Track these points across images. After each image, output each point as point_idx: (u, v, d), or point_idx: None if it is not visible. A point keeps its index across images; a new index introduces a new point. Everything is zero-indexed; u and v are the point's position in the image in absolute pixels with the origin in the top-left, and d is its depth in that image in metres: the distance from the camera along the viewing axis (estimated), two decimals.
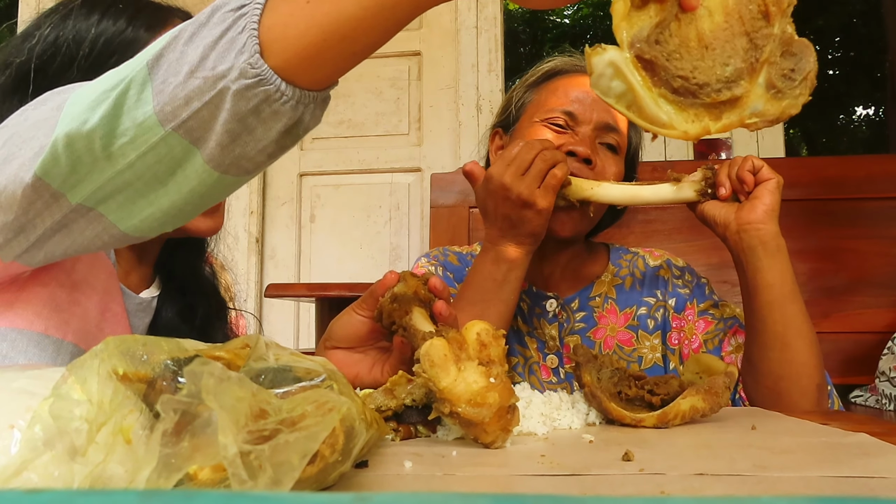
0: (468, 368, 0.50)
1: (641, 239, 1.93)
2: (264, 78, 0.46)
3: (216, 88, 0.47)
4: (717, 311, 1.01)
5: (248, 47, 0.46)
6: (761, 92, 0.53)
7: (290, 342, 2.44)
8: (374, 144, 2.47)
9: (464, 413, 0.49)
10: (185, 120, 0.48)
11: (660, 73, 0.50)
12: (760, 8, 0.51)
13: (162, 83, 0.48)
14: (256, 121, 0.48)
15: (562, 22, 7.90)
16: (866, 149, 7.35)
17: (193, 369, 0.32)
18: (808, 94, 0.55)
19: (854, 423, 0.60)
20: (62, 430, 0.31)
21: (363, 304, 0.71)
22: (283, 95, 0.47)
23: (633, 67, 0.49)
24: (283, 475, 0.29)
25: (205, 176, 0.51)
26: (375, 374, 0.71)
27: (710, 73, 0.50)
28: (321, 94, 0.50)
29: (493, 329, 0.54)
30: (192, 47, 0.48)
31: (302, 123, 0.51)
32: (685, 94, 0.50)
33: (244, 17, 0.47)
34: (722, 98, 0.51)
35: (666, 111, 0.50)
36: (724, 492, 0.38)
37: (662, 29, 0.50)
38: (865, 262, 1.87)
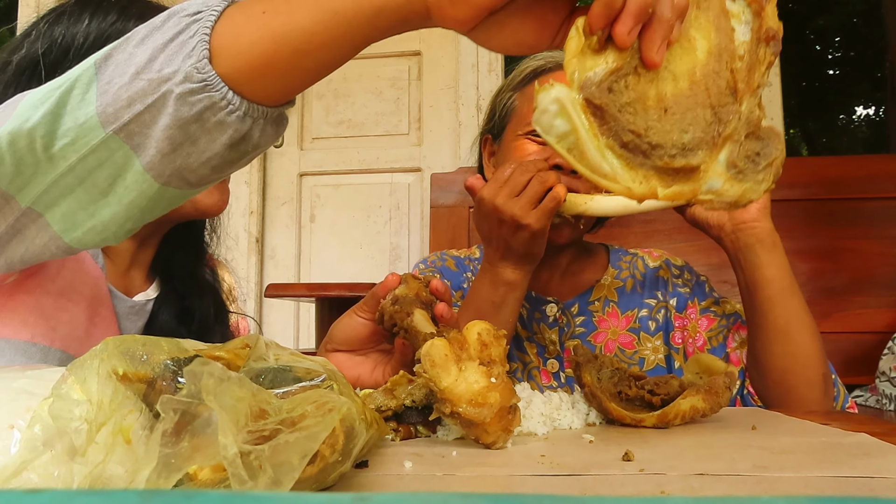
0: (469, 368, 0.50)
1: (641, 239, 1.93)
2: (210, 84, 0.45)
3: (159, 91, 0.45)
4: (719, 308, 1.01)
5: (196, 51, 0.45)
6: (721, 170, 0.47)
7: (290, 342, 2.44)
8: (374, 144, 2.47)
9: (465, 413, 0.49)
10: (127, 123, 0.46)
11: (609, 122, 0.45)
12: (729, 84, 0.47)
13: (107, 83, 0.47)
14: (200, 130, 0.47)
15: None
16: (866, 149, 7.35)
17: (193, 369, 0.32)
18: (773, 182, 0.49)
19: (854, 423, 0.60)
20: (62, 430, 0.31)
21: (364, 307, 0.71)
22: (229, 104, 0.46)
23: (580, 109, 0.44)
24: (284, 475, 0.29)
25: (145, 186, 0.49)
26: (377, 376, 0.71)
27: (666, 136, 0.45)
28: (273, 110, 0.49)
29: (493, 329, 0.54)
30: (141, 49, 0.47)
31: (251, 139, 0.49)
32: (635, 152, 0.45)
33: (198, 23, 0.46)
34: (676, 164, 0.45)
35: (611, 163, 0.45)
36: (724, 492, 0.38)
37: (618, 78, 0.45)
38: (865, 262, 1.87)
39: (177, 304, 0.88)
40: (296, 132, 2.49)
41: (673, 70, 0.46)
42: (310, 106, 2.50)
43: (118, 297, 0.80)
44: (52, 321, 0.68)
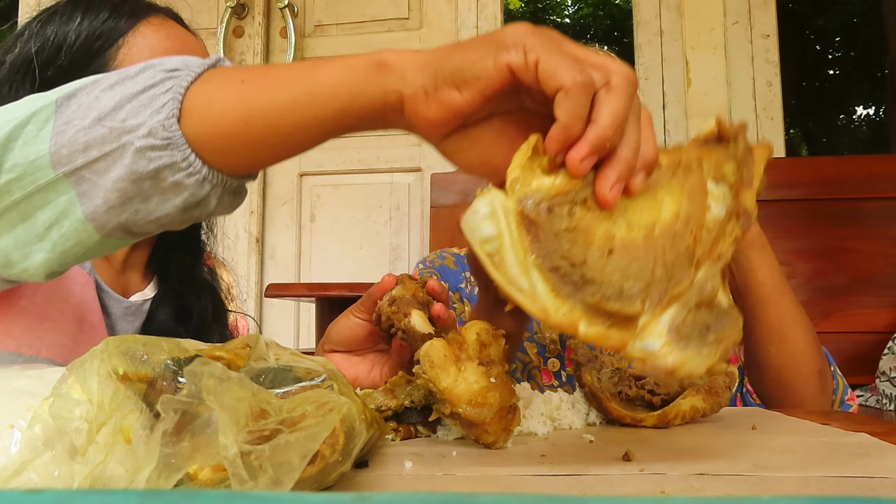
0: (468, 369, 0.50)
1: None
2: (173, 143, 0.44)
3: (119, 141, 0.44)
4: None
5: (166, 108, 0.44)
6: (662, 331, 0.41)
7: (290, 342, 2.44)
8: (374, 144, 2.47)
9: (464, 413, 0.49)
10: (79, 167, 0.45)
11: (542, 241, 0.40)
12: (689, 248, 0.43)
13: (65, 123, 0.45)
14: (154, 188, 0.45)
15: (562, 22, 7.90)
16: (866, 149, 7.35)
17: (194, 369, 0.32)
18: (718, 360, 0.42)
19: (854, 423, 0.60)
20: (62, 430, 0.31)
21: (361, 308, 0.70)
22: (189, 167, 0.44)
23: (511, 218, 0.40)
24: (284, 475, 0.29)
25: (84, 236, 0.47)
26: (374, 376, 0.71)
27: (604, 275, 0.40)
28: (233, 180, 0.47)
29: (492, 329, 0.54)
30: (109, 95, 0.45)
31: (206, 205, 0.47)
32: (565, 280, 0.40)
33: (173, 80, 0.45)
34: (609, 307, 0.40)
35: (533, 281, 0.40)
36: (724, 492, 0.38)
37: (564, 203, 0.41)
38: (865, 262, 1.87)
39: (175, 304, 0.87)
40: None
41: (630, 218, 0.42)
42: None
43: (113, 297, 0.80)
44: (38, 330, 0.67)
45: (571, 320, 0.40)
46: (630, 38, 2.46)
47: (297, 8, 2.45)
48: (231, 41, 2.46)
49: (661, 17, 2.35)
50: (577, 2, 7.91)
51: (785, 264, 1.85)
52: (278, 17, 2.45)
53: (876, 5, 4.53)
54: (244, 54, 2.46)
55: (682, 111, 2.30)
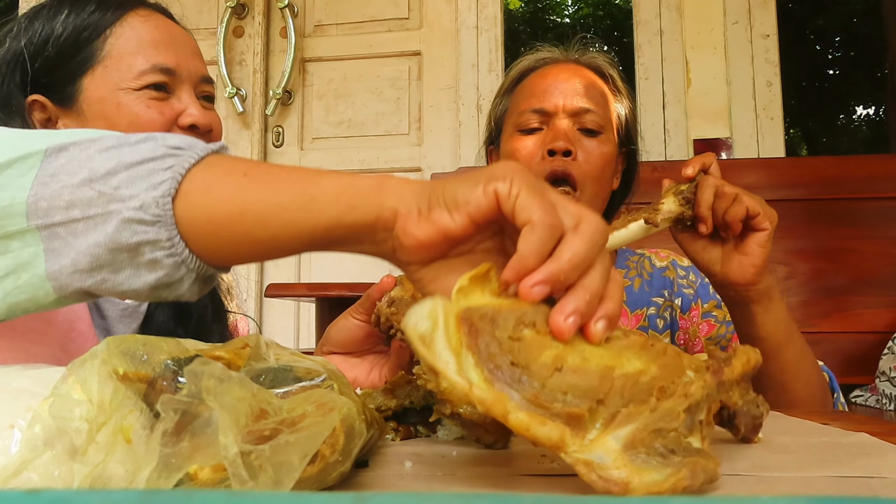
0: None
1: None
2: (163, 221, 0.43)
3: (107, 208, 0.43)
4: (720, 313, 1.01)
5: (164, 185, 0.43)
6: (615, 448, 0.35)
7: (290, 342, 2.44)
8: (374, 144, 2.47)
9: (465, 414, 0.49)
10: (55, 224, 0.44)
11: (480, 344, 0.37)
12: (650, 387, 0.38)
13: (50, 176, 0.44)
14: (129, 261, 0.44)
15: (562, 21, 7.90)
16: (866, 149, 7.35)
17: (194, 369, 0.32)
18: (684, 478, 0.34)
19: (854, 423, 0.60)
20: (62, 430, 0.31)
21: (360, 309, 0.70)
22: (172, 247, 0.44)
23: (451, 319, 0.38)
24: (284, 475, 0.29)
25: (40, 294, 0.46)
26: (373, 378, 0.71)
27: (547, 383, 0.36)
28: (209, 269, 0.47)
29: None
30: (104, 157, 0.44)
31: (177, 289, 0.46)
32: (501, 376, 0.36)
33: (176, 157, 0.44)
34: (549, 407, 0.35)
35: (464, 364, 0.36)
36: (724, 492, 0.38)
37: (510, 317, 0.38)
38: (865, 262, 1.87)
39: (173, 304, 0.87)
40: (296, 132, 2.49)
41: (585, 354, 0.38)
42: (310, 106, 2.50)
43: (109, 300, 0.80)
44: (25, 342, 0.67)
45: (500, 400, 0.35)
46: (630, 38, 2.46)
47: (297, 8, 2.46)
48: (231, 41, 2.46)
49: (661, 17, 2.35)
50: (577, 2, 7.91)
51: (785, 264, 1.85)
52: (278, 17, 2.45)
53: (876, 5, 4.53)
54: (244, 54, 2.46)
55: (682, 111, 2.30)
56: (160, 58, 0.82)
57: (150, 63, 0.81)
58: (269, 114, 2.44)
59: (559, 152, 0.92)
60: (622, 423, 0.36)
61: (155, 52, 0.82)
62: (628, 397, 0.37)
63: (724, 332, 0.99)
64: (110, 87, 0.80)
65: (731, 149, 2.29)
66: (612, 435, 0.36)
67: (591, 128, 0.96)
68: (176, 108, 0.83)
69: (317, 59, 2.49)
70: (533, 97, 0.98)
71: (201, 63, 0.89)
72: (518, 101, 1.00)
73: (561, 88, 0.97)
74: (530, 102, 0.97)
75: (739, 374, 0.46)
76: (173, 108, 0.83)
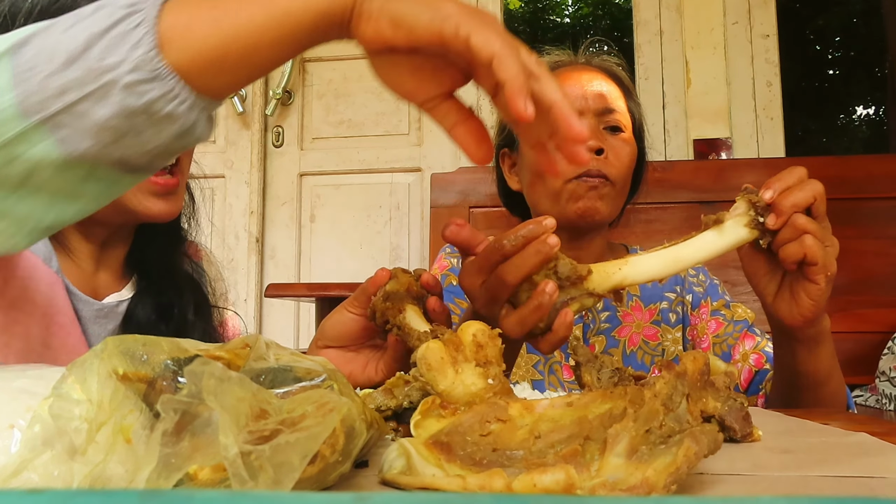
0: (465, 371, 0.50)
1: (642, 239, 1.93)
2: (160, 74, 0.44)
3: (101, 81, 0.43)
4: (729, 312, 1.03)
5: (144, 42, 0.44)
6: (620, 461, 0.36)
7: (290, 342, 2.44)
8: (374, 144, 2.47)
9: None
10: (55, 112, 0.44)
11: (458, 452, 0.38)
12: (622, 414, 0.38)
13: (28, 71, 0.43)
14: (147, 121, 0.45)
15: (562, 22, 7.90)
16: (866, 149, 7.35)
17: (194, 369, 0.32)
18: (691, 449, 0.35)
19: (854, 423, 0.60)
20: (61, 430, 0.31)
21: (355, 303, 0.70)
22: (179, 94, 0.45)
23: (420, 448, 0.38)
24: (284, 475, 0.29)
25: (69, 175, 0.46)
26: (369, 372, 0.71)
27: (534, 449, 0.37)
28: (215, 103, 0.49)
29: (489, 329, 0.54)
30: (70, 36, 0.44)
31: (194, 131, 0.48)
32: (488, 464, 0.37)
33: (139, 14, 0.44)
34: (548, 461, 0.36)
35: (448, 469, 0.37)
36: (724, 492, 0.38)
37: (473, 423, 0.39)
38: (865, 262, 1.87)
39: (154, 300, 0.84)
40: (296, 132, 2.49)
41: (556, 418, 0.39)
42: (310, 106, 2.50)
43: (83, 300, 0.78)
44: (5, 336, 0.67)
45: (497, 474, 0.34)
46: (630, 38, 2.46)
47: None
48: None
49: (660, 17, 2.35)
50: (577, 2, 7.91)
51: None
52: None
53: (876, 5, 4.53)
54: None
55: (681, 111, 2.30)
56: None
57: None
58: (268, 114, 2.44)
59: (592, 151, 0.94)
60: (614, 442, 0.36)
61: None
62: (609, 425, 0.38)
63: (731, 331, 1.00)
64: None
65: (731, 149, 2.29)
66: (612, 454, 0.36)
67: (616, 125, 0.99)
68: None
69: (317, 59, 2.49)
70: None
71: None
72: None
73: (584, 90, 1.00)
74: None
75: (695, 371, 0.46)
76: None
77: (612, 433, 0.36)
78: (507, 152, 1.09)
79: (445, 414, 0.42)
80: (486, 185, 2.02)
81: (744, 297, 1.80)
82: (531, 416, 0.39)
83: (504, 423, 0.39)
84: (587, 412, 0.39)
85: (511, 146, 1.07)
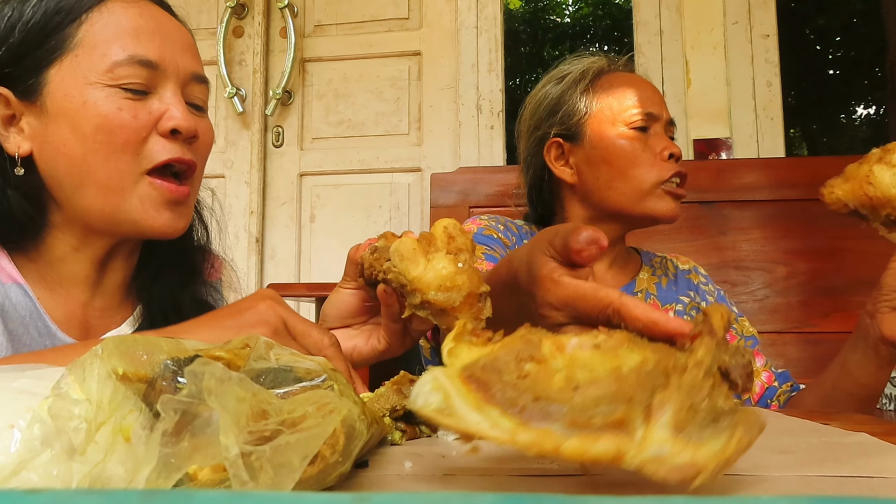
0: (437, 258, 0.51)
1: (642, 239, 1.93)
2: None
3: None
4: (739, 326, 1.07)
5: None
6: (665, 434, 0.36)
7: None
8: (374, 144, 2.47)
9: (434, 300, 0.49)
10: None
11: (496, 393, 0.37)
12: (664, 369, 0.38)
13: None
14: None
15: (562, 22, 7.90)
16: (866, 149, 7.30)
17: (194, 369, 0.31)
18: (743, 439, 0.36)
19: (854, 423, 0.60)
20: (61, 430, 0.31)
21: (346, 277, 0.72)
22: None
23: (456, 382, 0.38)
24: (284, 476, 0.29)
25: None
26: (373, 342, 0.71)
27: (575, 403, 0.36)
28: None
29: (459, 224, 0.55)
30: None
31: None
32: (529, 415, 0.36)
33: None
34: (590, 422, 0.35)
35: (491, 415, 0.36)
36: (724, 492, 0.38)
37: (509, 361, 0.38)
38: (865, 262, 1.87)
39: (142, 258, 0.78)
40: (296, 132, 2.49)
41: (590, 366, 0.38)
42: (310, 106, 2.50)
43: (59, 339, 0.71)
44: None
45: (546, 435, 0.34)
46: (630, 38, 2.46)
47: (296, 8, 2.45)
48: (231, 41, 2.46)
49: (660, 17, 2.35)
50: (578, 2, 7.90)
51: (785, 264, 1.85)
52: (278, 17, 2.45)
53: (876, 5, 4.53)
54: (244, 54, 2.46)
55: (682, 111, 2.30)
56: (140, 48, 0.70)
57: (126, 53, 0.69)
58: (268, 114, 2.44)
59: (679, 157, 1.04)
60: (658, 411, 0.36)
61: (134, 42, 0.70)
62: (649, 387, 0.37)
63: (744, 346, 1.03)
64: (77, 81, 0.69)
65: (731, 149, 2.29)
66: (657, 425, 0.36)
67: (673, 136, 1.09)
68: (155, 111, 0.71)
69: (317, 59, 2.49)
70: (640, 100, 1.06)
71: (194, 59, 0.76)
72: (620, 101, 1.06)
73: (654, 96, 1.08)
74: (642, 104, 1.06)
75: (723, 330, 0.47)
76: (151, 110, 0.71)
77: (657, 403, 0.36)
78: (560, 142, 1.09)
79: (477, 342, 0.41)
80: (486, 186, 2.01)
81: (743, 297, 1.80)
82: (563, 357, 0.38)
83: (540, 365, 0.38)
84: (620, 362, 0.39)
85: (567, 137, 1.08)
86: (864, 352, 0.83)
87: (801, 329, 1.78)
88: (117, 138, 0.69)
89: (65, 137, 0.70)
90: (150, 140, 0.71)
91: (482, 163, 2.31)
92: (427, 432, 0.56)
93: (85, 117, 0.68)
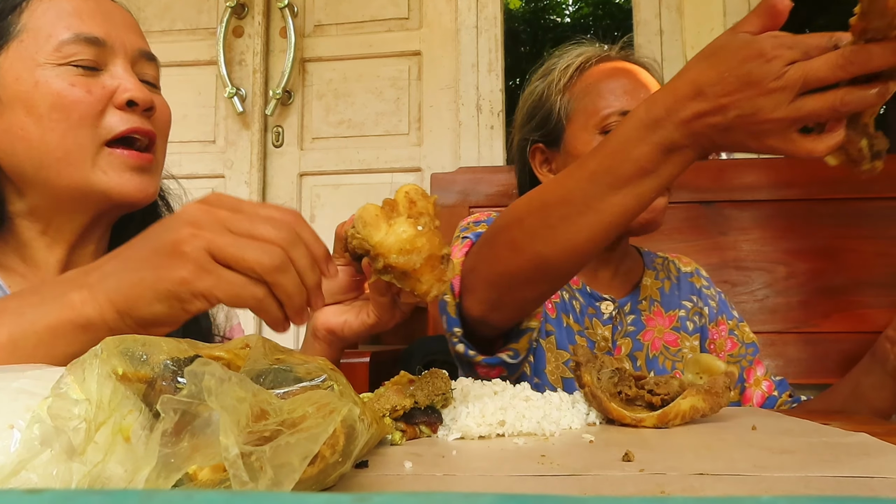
0: (398, 222, 0.52)
1: (642, 238, 1.93)
2: None
3: None
4: (739, 333, 1.06)
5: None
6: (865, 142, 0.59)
7: (290, 342, 2.44)
8: (374, 144, 2.47)
9: (395, 263, 0.50)
10: None
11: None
12: None
13: None
14: None
15: (562, 21, 7.90)
16: None
17: (194, 370, 0.31)
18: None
19: (854, 423, 0.60)
20: (60, 430, 0.31)
21: (335, 254, 0.70)
22: None
23: None
24: (284, 476, 0.29)
25: None
26: (363, 317, 0.71)
27: None
28: None
29: (421, 189, 0.56)
30: None
31: None
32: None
33: None
34: None
35: None
36: (724, 492, 0.38)
37: None
38: (865, 262, 1.87)
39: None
40: (296, 132, 2.49)
41: None
42: (310, 106, 2.50)
43: None
44: None
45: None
46: (630, 38, 2.46)
47: (296, 8, 2.45)
48: (231, 41, 2.46)
49: (661, 17, 2.35)
50: (578, 1, 7.90)
51: (785, 264, 1.85)
52: (278, 17, 2.45)
53: None
54: (244, 54, 2.46)
55: None
56: (85, 27, 0.71)
57: (71, 32, 0.71)
58: (268, 114, 2.44)
59: None
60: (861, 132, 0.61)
61: (79, 21, 0.71)
62: None
63: (744, 353, 1.04)
64: (27, 63, 0.70)
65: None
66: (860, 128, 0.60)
67: None
68: (108, 86, 0.71)
69: (317, 59, 2.49)
70: (615, 97, 0.97)
71: (139, 38, 0.77)
72: (595, 101, 0.99)
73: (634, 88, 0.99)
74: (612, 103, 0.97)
75: None
76: (104, 85, 0.71)
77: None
78: (542, 148, 1.07)
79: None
80: (486, 185, 2.01)
81: (743, 297, 1.80)
82: None
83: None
84: None
85: (548, 143, 1.06)
86: (881, 377, 0.85)
87: (801, 329, 1.78)
88: (73, 113, 0.70)
89: (21, 122, 0.70)
90: (106, 114, 0.71)
91: (482, 163, 2.31)
92: (427, 432, 0.56)
93: (38, 97, 0.69)
